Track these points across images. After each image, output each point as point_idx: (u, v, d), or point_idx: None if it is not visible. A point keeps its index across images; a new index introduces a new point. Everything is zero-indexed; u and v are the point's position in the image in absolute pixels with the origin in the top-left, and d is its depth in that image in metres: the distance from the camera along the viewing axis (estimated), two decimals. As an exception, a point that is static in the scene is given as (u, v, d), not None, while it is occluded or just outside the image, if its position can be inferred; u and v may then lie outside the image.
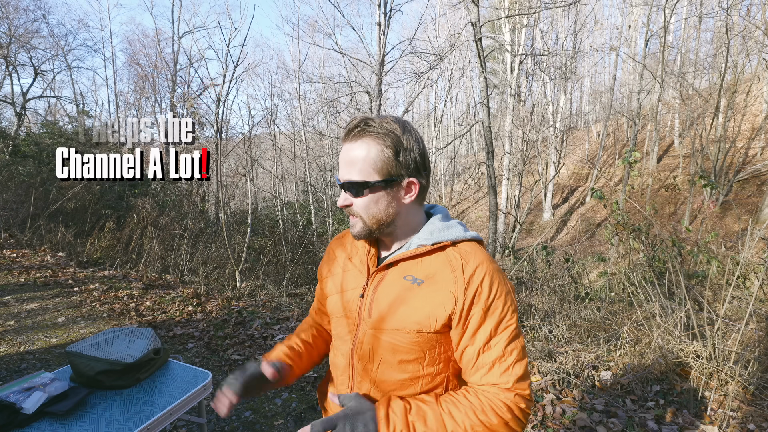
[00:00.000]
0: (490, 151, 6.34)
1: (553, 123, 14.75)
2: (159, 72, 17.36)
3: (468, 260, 0.73)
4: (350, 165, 0.72)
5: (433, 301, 0.71)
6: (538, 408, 2.33)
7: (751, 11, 11.38)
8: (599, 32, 20.64)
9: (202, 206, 9.97)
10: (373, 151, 0.71)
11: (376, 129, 0.71)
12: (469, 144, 26.86)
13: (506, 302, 0.71)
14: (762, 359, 2.43)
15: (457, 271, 0.71)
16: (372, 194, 0.73)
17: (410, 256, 0.75)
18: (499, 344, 0.70)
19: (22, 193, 7.84)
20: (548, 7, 7.67)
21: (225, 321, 3.77)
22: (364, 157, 0.71)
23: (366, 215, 0.75)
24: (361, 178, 0.72)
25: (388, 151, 0.71)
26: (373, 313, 0.76)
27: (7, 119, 13.93)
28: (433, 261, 0.74)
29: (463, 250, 0.75)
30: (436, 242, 0.75)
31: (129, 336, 1.65)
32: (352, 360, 0.80)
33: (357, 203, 0.74)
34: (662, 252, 3.58)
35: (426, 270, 0.74)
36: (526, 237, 15.00)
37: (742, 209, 10.68)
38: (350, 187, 0.73)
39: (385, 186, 0.73)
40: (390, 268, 0.77)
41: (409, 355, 0.74)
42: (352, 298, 0.81)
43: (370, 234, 0.77)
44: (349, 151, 0.73)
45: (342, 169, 0.74)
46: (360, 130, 0.71)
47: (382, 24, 6.42)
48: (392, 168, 0.72)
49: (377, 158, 0.71)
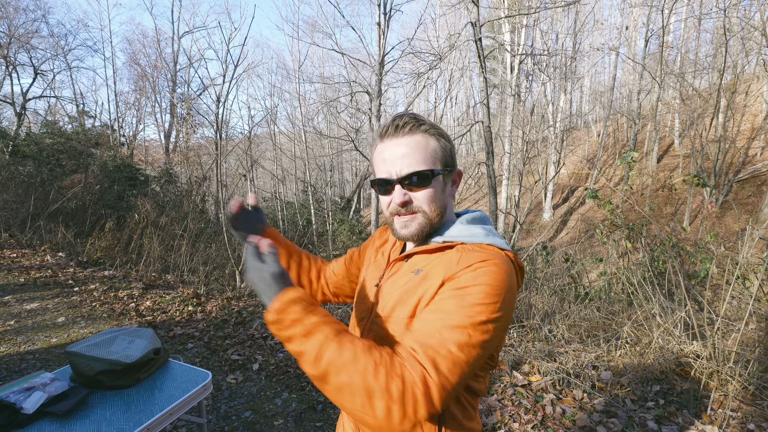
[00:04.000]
0: (490, 151, 6.34)
1: (553, 123, 14.75)
2: (159, 72, 17.38)
3: (471, 256, 0.68)
4: (411, 156, 0.71)
5: (425, 288, 0.69)
6: (538, 408, 2.33)
7: (748, 12, 11.39)
8: (599, 32, 20.65)
9: (202, 206, 9.97)
10: (432, 143, 0.73)
11: (426, 124, 0.73)
12: (469, 144, 26.86)
13: (482, 301, 0.60)
14: (762, 359, 2.43)
15: (453, 264, 0.68)
16: (436, 184, 0.73)
17: (422, 251, 0.75)
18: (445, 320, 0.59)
19: (22, 193, 7.84)
20: (548, 7, 7.67)
21: (225, 321, 3.77)
22: (425, 146, 0.72)
23: (429, 207, 0.73)
24: (428, 167, 0.72)
25: (444, 142, 0.75)
26: (380, 302, 0.77)
27: (7, 119, 13.93)
28: (440, 256, 0.72)
29: (472, 249, 0.70)
30: (447, 240, 0.74)
31: (129, 336, 1.65)
32: None
33: (419, 196, 0.72)
34: (661, 252, 3.58)
35: (430, 263, 0.72)
36: (526, 237, 15.01)
37: (742, 209, 10.68)
38: (415, 178, 0.71)
39: (447, 174, 0.76)
40: (407, 260, 0.78)
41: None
42: (370, 287, 0.84)
43: (429, 229, 0.74)
44: (407, 144, 0.72)
45: (398, 163, 0.72)
46: (413, 125, 0.72)
47: (382, 24, 6.43)
48: (449, 158, 0.75)
49: (437, 149, 0.73)
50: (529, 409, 2.32)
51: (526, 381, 2.60)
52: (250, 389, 2.67)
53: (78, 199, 7.87)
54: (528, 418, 2.24)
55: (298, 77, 13.87)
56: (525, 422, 2.22)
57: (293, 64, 17.88)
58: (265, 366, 2.97)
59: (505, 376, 2.63)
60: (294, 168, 16.43)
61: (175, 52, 16.79)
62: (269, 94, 23.67)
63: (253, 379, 2.81)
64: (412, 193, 0.73)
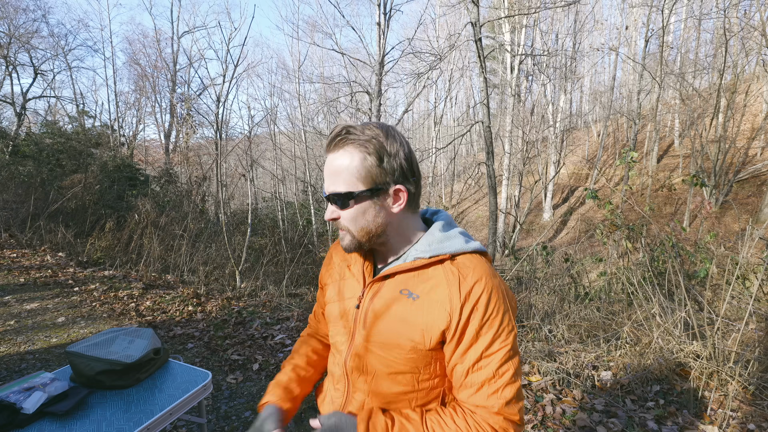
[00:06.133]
0: (490, 151, 6.35)
1: (553, 123, 14.75)
2: (159, 72, 17.38)
3: (466, 276, 0.69)
4: (334, 176, 0.70)
5: (427, 318, 0.69)
6: (538, 408, 2.34)
7: (748, 13, 11.38)
8: (599, 32, 20.66)
9: (202, 206, 9.96)
10: (356, 160, 0.68)
11: (357, 136, 0.68)
12: (469, 144, 26.85)
13: (503, 322, 0.68)
14: (762, 359, 2.43)
15: (454, 288, 0.68)
16: (358, 205, 0.70)
17: (407, 269, 0.73)
18: (489, 365, 0.67)
19: (22, 193, 7.84)
20: (548, 7, 7.67)
21: (225, 321, 3.77)
22: (347, 166, 0.69)
23: (354, 228, 0.72)
24: (346, 188, 0.69)
25: (371, 159, 0.68)
26: (367, 325, 0.75)
27: (7, 119, 13.93)
28: (431, 275, 0.71)
29: (462, 264, 0.71)
30: (434, 255, 0.72)
31: (129, 336, 1.65)
32: (346, 370, 0.79)
33: (344, 216, 0.72)
34: (661, 252, 3.58)
35: (422, 285, 0.71)
36: (526, 237, 15.01)
37: (742, 209, 10.68)
38: (336, 199, 0.71)
39: (371, 195, 0.70)
40: (386, 279, 0.75)
41: (403, 368, 0.72)
42: (349, 307, 0.79)
43: (360, 246, 0.74)
44: (332, 161, 0.70)
45: (326, 181, 0.72)
46: (341, 139, 0.69)
47: (382, 24, 6.43)
48: (377, 176, 0.69)
49: (360, 166, 0.68)
50: (529, 409, 2.32)
51: (526, 381, 2.60)
52: (250, 389, 2.67)
53: (78, 199, 7.87)
54: (528, 418, 2.24)
55: (298, 77, 13.88)
56: (525, 422, 2.22)
57: (293, 64, 17.91)
58: (265, 366, 2.97)
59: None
60: (294, 168, 16.44)
61: (175, 52, 16.81)
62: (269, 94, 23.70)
63: (253, 379, 2.81)
64: (339, 211, 0.72)
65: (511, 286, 4.91)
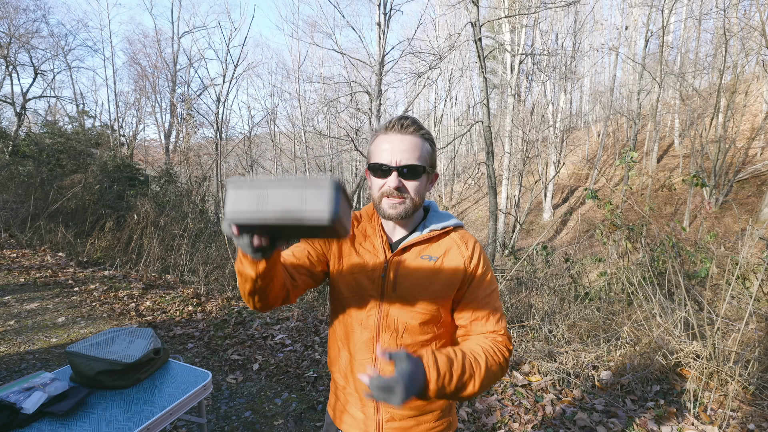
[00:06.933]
0: (490, 151, 6.34)
1: (553, 123, 14.75)
2: (159, 72, 17.37)
3: (467, 242, 0.94)
4: (410, 151, 0.86)
5: (448, 272, 0.90)
6: (538, 408, 2.34)
7: (748, 13, 11.38)
8: (599, 32, 20.65)
9: (202, 206, 9.95)
10: (426, 146, 0.89)
11: (424, 130, 0.89)
12: (469, 144, 26.87)
13: (491, 271, 0.95)
14: (762, 359, 2.43)
15: (463, 249, 0.92)
16: (421, 178, 0.88)
17: (423, 240, 0.92)
18: (490, 302, 0.91)
19: (22, 193, 7.83)
20: (548, 6, 7.67)
21: (225, 321, 3.77)
22: (421, 146, 0.87)
23: (415, 196, 0.88)
24: (421, 163, 0.87)
25: (431, 147, 0.91)
26: (398, 288, 0.90)
27: (7, 119, 13.94)
28: (443, 242, 0.93)
29: (461, 234, 0.96)
30: (445, 227, 0.94)
31: (129, 336, 1.65)
32: (378, 332, 0.92)
33: (410, 185, 0.87)
34: (661, 252, 3.58)
35: (437, 250, 0.92)
36: (526, 237, 15.01)
37: (742, 209, 10.68)
38: (410, 170, 0.86)
39: (427, 174, 0.90)
40: (404, 252, 0.92)
41: (428, 317, 0.90)
42: (373, 277, 0.92)
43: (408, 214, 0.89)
44: (407, 140, 0.86)
45: (398, 155, 0.85)
46: (415, 128, 0.87)
47: (382, 24, 6.43)
48: (432, 161, 0.92)
49: (428, 151, 0.89)
50: (529, 409, 2.32)
51: (526, 381, 2.60)
52: (250, 389, 2.67)
53: (78, 199, 7.86)
54: (528, 418, 2.24)
55: (298, 77, 13.87)
56: (525, 422, 2.22)
57: (293, 64, 17.90)
58: (265, 366, 2.97)
59: (505, 376, 2.63)
60: (294, 168, 16.44)
61: (175, 52, 16.79)
62: (269, 94, 23.71)
63: (253, 379, 2.81)
64: (404, 182, 0.87)
65: (511, 286, 4.92)
